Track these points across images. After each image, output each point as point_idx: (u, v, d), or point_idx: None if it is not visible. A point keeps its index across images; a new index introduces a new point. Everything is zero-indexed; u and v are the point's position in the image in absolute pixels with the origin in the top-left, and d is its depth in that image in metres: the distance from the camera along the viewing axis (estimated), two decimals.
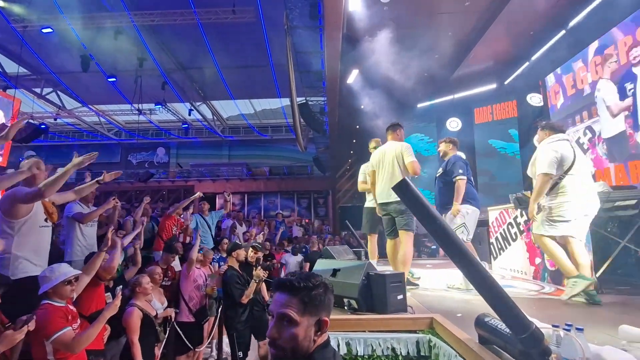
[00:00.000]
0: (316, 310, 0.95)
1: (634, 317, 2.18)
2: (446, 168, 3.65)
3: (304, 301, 0.94)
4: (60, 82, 13.49)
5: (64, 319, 2.02)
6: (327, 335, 0.99)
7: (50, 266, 2.19)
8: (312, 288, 0.96)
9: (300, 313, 0.93)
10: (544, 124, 3.27)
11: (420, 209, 1.37)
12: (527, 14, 6.95)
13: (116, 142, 20.64)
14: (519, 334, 1.28)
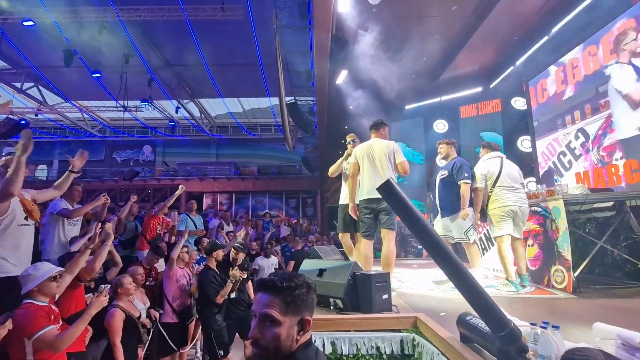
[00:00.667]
0: (299, 310, 0.95)
1: (608, 315, 2.26)
2: (452, 171, 3.67)
3: (287, 301, 0.94)
4: (41, 76, 13.10)
5: (47, 318, 1.96)
6: (309, 334, 1.00)
7: (33, 265, 2.14)
8: (295, 288, 0.96)
9: (283, 313, 0.93)
10: (484, 143, 3.95)
11: (404, 209, 1.39)
12: (511, 20, 7.12)
13: (100, 139, 20.17)
14: (497, 332, 1.31)
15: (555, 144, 6.59)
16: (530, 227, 3.76)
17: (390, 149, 3.42)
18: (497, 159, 3.69)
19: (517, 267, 3.49)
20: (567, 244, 3.17)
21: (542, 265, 3.57)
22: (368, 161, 3.41)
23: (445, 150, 3.90)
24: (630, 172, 4.59)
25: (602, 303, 2.71)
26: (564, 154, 6.32)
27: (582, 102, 5.88)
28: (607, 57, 5.33)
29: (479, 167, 3.70)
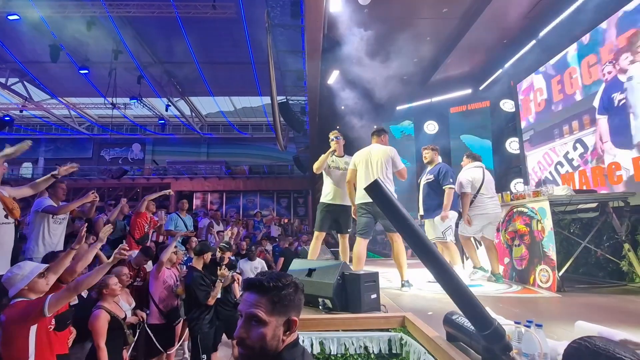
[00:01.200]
0: (285, 310, 0.95)
1: (591, 313, 2.31)
2: (437, 176, 3.88)
3: (273, 301, 0.94)
4: (27, 72, 12.81)
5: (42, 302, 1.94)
6: (296, 334, 0.99)
7: (16, 265, 2.09)
8: (282, 288, 0.95)
9: (269, 313, 0.93)
10: (468, 153, 4.31)
11: (392, 210, 1.40)
12: (500, 24, 7.22)
13: (88, 136, 19.80)
14: (482, 331, 1.33)
15: (552, 153, 6.55)
16: (517, 227, 3.83)
17: (389, 155, 3.54)
18: (479, 169, 4.03)
19: (491, 266, 3.89)
20: (552, 244, 3.24)
21: (528, 264, 3.63)
22: (365, 166, 3.54)
23: (430, 156, 4.14)
24: (613, 174, 4.70)
25: (585, 302, 2.77)
26: (561, 164, 6.24)
27: (581, 112, 5.70)
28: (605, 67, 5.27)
29: (466, 174, 3.99)
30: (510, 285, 3.63)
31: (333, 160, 3.81)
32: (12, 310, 1.87)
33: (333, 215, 3.71)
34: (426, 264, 1.39)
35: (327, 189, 3.78)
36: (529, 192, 3.75)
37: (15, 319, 1.84)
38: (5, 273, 2.02)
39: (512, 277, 3.88)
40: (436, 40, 8.24)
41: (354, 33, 6.93)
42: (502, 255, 4.12)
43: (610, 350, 0.83)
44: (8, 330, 1.83)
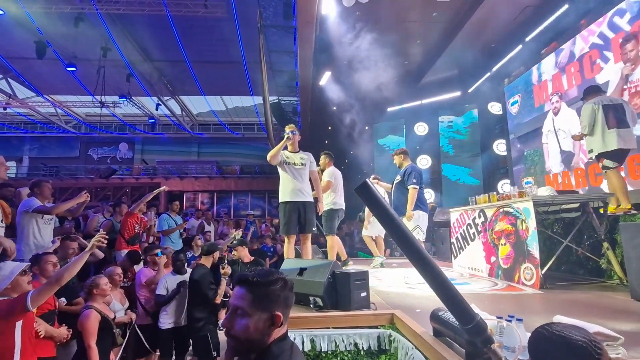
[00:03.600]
0: (269, 305, 1.00)
1: (570, 309, 2.41)
2: (403, 176, 4.10)
3: (259, 296, 0.99)
4: (10, 68, 12.52)
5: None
6: (284, 329, 1.04)
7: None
8: (267, 284, 1.01)
9: (253, 306, 0.98)
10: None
11: (380, 210, 1.46)
12: (488, 28, 7.40)
13: (75, 135, 19.43)
14: (465, 325, 1.39)
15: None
16: (503, 227, 3.93)
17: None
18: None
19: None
20: (536, 243, 3.34)
21: (513, 263, 3.74)
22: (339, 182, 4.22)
23: (398, 160, 4.38)
24: (594, 176, 4.87)
25: (565, 298, 2.88)
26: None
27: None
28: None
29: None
30: (496, 283, 3.73)
31: (288, 156, 3.71)
32: (1, 308, 1.87)
33: (297, 213, 3.60)
34: (412, 261, 1.44)
35: (289, 188, 3.64)
36: (514, 193, 3.86)
37: (1, 314, 1.85)
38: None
39: (497, 275, 3.99)
40: (426, 44, 8.38)
41: (345, 35, 7.00)
42: (489, 254, 4.23)
43: (564, 334, 0.90)
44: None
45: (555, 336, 0.92)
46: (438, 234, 6.68)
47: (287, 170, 3.68)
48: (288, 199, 3.61)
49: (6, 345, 1.85)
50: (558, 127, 6.38)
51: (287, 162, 3.68)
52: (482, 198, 4.57)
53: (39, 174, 17.15)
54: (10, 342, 1.86)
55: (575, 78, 5.91)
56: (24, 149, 19.74)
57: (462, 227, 4.93)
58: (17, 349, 1.87)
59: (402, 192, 4.05)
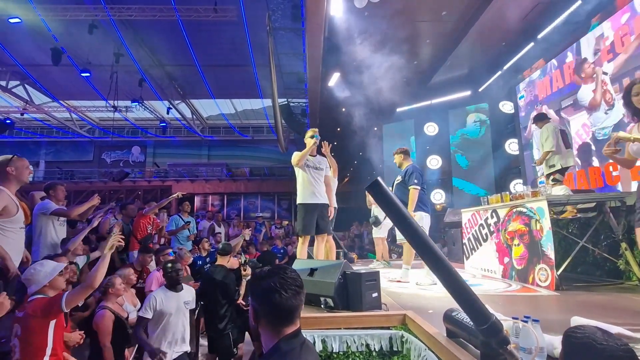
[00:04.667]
0: (253, 299, 1.11)
1: (587, 310, 2.35)
2: (404, 176, 4.03)
3: (250, 288, 1.15)
4: (28, 75, 12.87)
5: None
6: (295, 327, 1.07)
7: (38, 262, 2.17)
8: (255, 279, 1.12)
9: (250, 297, 1.14)
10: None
11: (392, 208, 1.45)
12: (499, 26, 7.30)
13: (89, 139, 19.87)
14: (480, 325, 1.37)
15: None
16: (516, 227, 3.87)
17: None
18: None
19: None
20: (551, 244, 3.28)
21: (527, 264, 3.67)
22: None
23: (398, 160, 4.29)
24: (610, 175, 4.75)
25: (582, 299, 2.81)
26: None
27: None
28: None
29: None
30: (510, 284, 3.67)
31: (309, 159, 3.78)
32: (33, 305, 1.93)
33: (316, 215, 3.63)
34: (426, 261, 1.43)
35: (308, 188, 3.69)
36: (527, 193, 3.80)
37: (37, 314, 1.91)
38: (27, 270, 2.08)
39: (511, 276, 3.92)
40: (436, 43, 8.32)
41: (354, 36, 7.00)
42: (502, 254, 4.17)
43: (601, 343, 0.88)
44: (29, 324, 1.90)
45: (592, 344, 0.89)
46: (449, 234, 6.60)
47: (308, 172, 3.74)
48: (309, 200, 3.65)
49: (40, 343, 1.91)
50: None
51: (308, 165, 3.76)
52: (494, 198, 4.50)
53: (54, 178, 17.57)
54: (43, 341, 1.91)
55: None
56: (40, 153, 20.26)
57: (474, 228, 4.86)
58: (49, 347, 1.92)
59: (403, 193, 3.97)
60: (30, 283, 2.03)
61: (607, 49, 5.51)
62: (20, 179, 2.42)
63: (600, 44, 5.61)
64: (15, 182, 2.40)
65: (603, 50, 5.59)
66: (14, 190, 2.39)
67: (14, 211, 2.31)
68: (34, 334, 1.91)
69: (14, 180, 2.38)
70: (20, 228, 2.39)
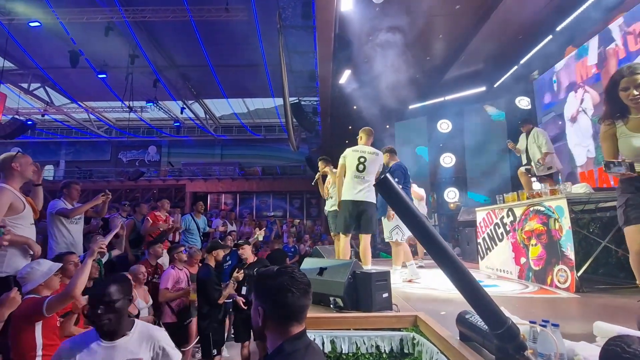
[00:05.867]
0: (259, 299, 1.09)
1: (610, 314, 2.24)
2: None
3: (255, 288, 1.13)
4: (48, 77, 13.27)
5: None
6: (300, 329, 1.04)
7: (34, 261, 2.18)
8: (262, 279, 1.11)
9: (254, 297, 1.12)
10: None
11: (402, 206, 1.39)
12: (515, 19, 7.07)
13: (106, 139, 20.37)
14: (495, 330, 1.30)
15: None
16: (533, 226, 3.73)
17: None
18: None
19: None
20: (571, 244, 3.14)
21: (545, 264, 3.54)
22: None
23: (385, 159, 4.26)
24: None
25: (604, 302, 2.68)
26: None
27: None
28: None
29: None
30: (526, 286, 3.55)
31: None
32: (20, 306, 1.93)
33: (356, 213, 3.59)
34: (437, 261, 1.37)
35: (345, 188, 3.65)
36: (546, 191, 3.66)
37: (21, 316, 1.91)
38: (23, 268, 2.09)
39: (528, 277, 3.79)
40: (449, 38, 8.14)
41: (365, 32, 6.92)
42: (518, 255, 4.03)
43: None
44: (16, 325, 1.91)
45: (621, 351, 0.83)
46: (463, 234, 6.46)
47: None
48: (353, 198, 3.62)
49: (28, 343, 1.91)
50: (585, 106, 6.08)
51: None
52: (510, 196, 4.36)
53: (74, 177, 18.09)
54: (32, 342, 1.91)
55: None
56: (61, 154, 20.89)
57: (490, 227, 4.73)
58: (39, 347, 1.93)
59: None
60: (25, 282, 2.02)
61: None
62: (24, 175, 2.44)
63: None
64: (20, 178, 2.42)
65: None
66: (17, 186, 2.41)
67: (21, 208, 2.32)
68: (21, 335, 1.91)
69: (18, 176, 2.40)
70: (30, 224, 2.41)
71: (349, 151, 3.75)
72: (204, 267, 3.64)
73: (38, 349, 1.92)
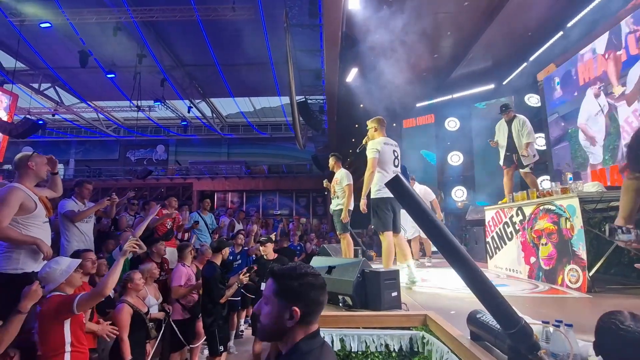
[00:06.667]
0: (289, 299, 1.02)
1: None
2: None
3: (281, 287, 1.04)
4: (58, 77, 13.46)
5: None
6: (315, 328, 1.04)
7: (53, 260, 2.21)
8: (288, 278, 1.05)
9: (275, 297, 1.04)
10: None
11: (413, 205, 1.39)
12: (524, 15, 6.97)
13: (114, 138, 20.61)
14: (508, 329, 1.29)
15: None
16: (543, 225, 3.69)
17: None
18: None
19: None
20: (583, 243, 3.10)
21: (556, 264, 3.50)
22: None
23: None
24: None
25: (617, 303, 2.64)
26: None
27: None
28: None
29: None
30: (536, 285, 3.51)
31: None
32: (47, 304, 1.97)
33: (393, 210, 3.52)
34: (449, 260, 1.36)
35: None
36: (556, 189, 3.61)
37: (50, 313, 1.94)
38: (42, 268, 2.12)
39: (538, 276, 3.75)
40: (457, 35, 8.05)
41: (372, 30, 6.88)
42: (528, 254, 3.99)
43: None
44: (44, 323, 1.94)
45: (615, 328, 0.87)
46: (472, 232, 6.41)
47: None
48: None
49: (57, 340, 1.95)
50: (603, 103, 5.93)
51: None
52: (520, 195, 4.32)
53: (83, 176, 18.35)
54: (60, 338, 1.95)
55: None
56: (71, 152, 21.21)
57: (499, 226, 4.69)
58: (67, 343, 1.97)
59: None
60: (46, 281, 2.06)
61: None
62: (39, 175, 2.49)
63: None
64: (34, 177, 2.46)
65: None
66: (30, 185, 2.44)
67: (33, 207, 2.35)
68: (49, 332, 1.94)
69: (32, 175, 2.45)
70: (43, 222, 2.44)
71: (381, 144, 3.54)
72: (208, 265, 3.65)
73: (67, 345, 1.96)
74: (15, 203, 2.25)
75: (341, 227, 4.37)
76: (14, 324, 1.72)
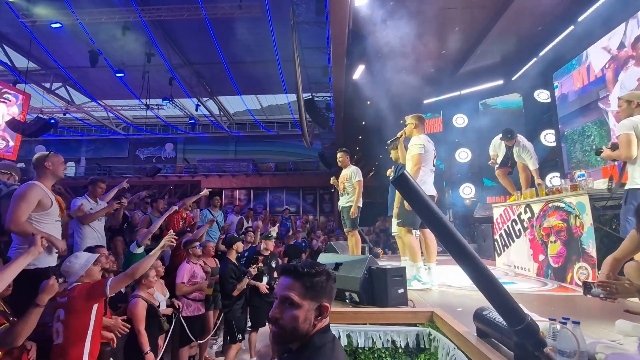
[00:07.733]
0: (317, 296, 1.00)
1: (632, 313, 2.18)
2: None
3: (306, 286, 0.99)
4: (69, 77, 13.67)
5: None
6: (327, 321, 1.04)
7: (72, 254, 2.31)
8: (315, 274, 1.00)
9: (302, 297, 0.98)
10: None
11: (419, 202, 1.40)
12: (534, 10, 6.84)
13: (124, 137, 20.88)
14: (514, 326, 1.30)
15: None
16: (552, 223, 3.66)
17: None
18: None
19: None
20: (592, 241, 3.07)
21: (565, 262, 3.47)
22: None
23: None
24: None
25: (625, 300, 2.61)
26: None
27: None
28: None
29: None
30: (545, 283, 3.49)
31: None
32: (78, 289, 2.09)
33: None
34: (455, 257, 1.37)
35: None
36: (566, 186, 3.57)
37: (82, 296, 2.06)
38: (64, 262, 2.23)
39: (547, 274, 3.72)
40: (465, 30, 7.94)
41: (379, 26, 6.84)
42: (537, 252, 3.96)
43: None
44: (74, 307, 2.04)
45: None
46: (480, 230, 6.38)
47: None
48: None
49: (82, 324, 2.06)
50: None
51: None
52: (528, 192, 4.29)
53: (94, 174, 18.64)
54: (86, 322, 2.07)
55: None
56: (81, 151, 21.56)
57: (507, 223, 4.66)
58: (90, 330, 2.07)
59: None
60: (68, 274, 2.19)
61: None
62: (56, 174, 2.57)
63: None
64: (51, 176, 2.55)
65: None
66: (49, 184, 2.54)
67: (49, 205, 2.44)
68: (77, 318, 2.05)
69: (50, 175, 2.53)
70: (55, 221, 2.54)
71: (425, 141, 3.47)
72: (222, 262, 3.86)
73: (89, 332, 2.07)
74: (34, 199, 2.35)
75: (350, 224, 4.37)
76: (32, 317, 1.79)
